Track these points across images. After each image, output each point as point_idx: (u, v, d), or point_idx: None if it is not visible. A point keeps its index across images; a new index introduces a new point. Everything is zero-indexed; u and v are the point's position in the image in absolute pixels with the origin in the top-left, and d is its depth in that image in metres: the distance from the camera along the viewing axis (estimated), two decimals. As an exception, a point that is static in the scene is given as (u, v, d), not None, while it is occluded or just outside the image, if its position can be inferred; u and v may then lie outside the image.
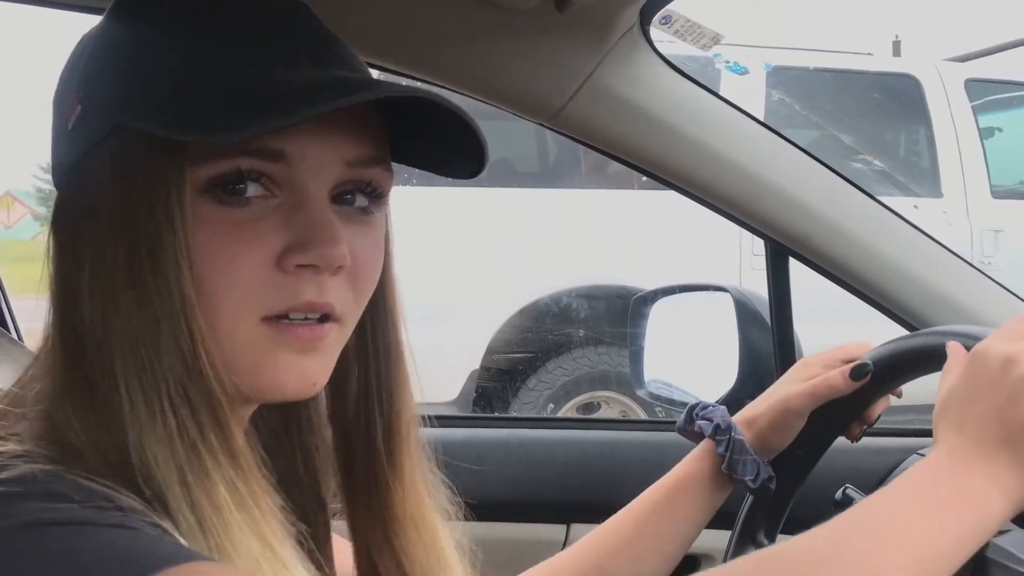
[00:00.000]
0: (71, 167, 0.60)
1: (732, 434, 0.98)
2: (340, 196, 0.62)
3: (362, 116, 0.61)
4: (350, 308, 0.62)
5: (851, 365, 0.97)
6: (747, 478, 0.98)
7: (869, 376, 0.95)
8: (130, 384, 0.56)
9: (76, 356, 0.58)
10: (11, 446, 0.55)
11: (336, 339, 0.62)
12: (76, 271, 0.58)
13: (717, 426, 0.98)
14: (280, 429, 0.71)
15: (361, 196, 0.63)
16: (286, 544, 0.59)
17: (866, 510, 0.65)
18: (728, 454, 0.97)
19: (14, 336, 1.47)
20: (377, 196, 0.64)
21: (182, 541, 0.54)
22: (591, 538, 0.99)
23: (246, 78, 0.57)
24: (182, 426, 0.56)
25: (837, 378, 0.97)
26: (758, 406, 1.01)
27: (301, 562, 0.60)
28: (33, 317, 0.68)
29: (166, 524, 0.54)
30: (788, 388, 0.99)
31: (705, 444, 1.00)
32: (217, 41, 0.59)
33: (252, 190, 0.58)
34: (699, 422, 1.01)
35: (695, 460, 1.00)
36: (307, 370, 0.61)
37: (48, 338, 0.60)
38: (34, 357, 0.62)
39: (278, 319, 0.59)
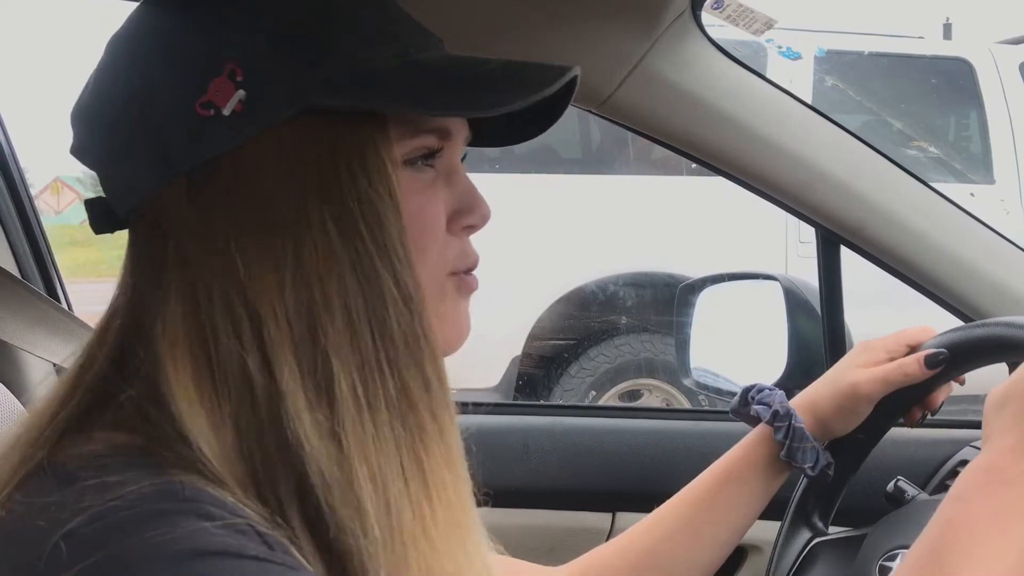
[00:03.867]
0: (219, 156, 0.56)
1: (792, 422, 0.96)
2: None
3: None
4: None
5: (926, 352, 0.95)
6: (806, 466, 0.96)
7: (945, 364, 0.94)
8: (353, 374, 0.55)
9: (205, 357, 0.55)
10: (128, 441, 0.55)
11: None
12: (250, 263, 0.55)
13: (775, 412, 0.96)
14: None
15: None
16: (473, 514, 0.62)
17: (942, 541, 0.64)
18: (787, 442, 0.96)
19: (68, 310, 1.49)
20: None
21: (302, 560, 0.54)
22: (643, 524, 0.98)
23: (424, 57, 0.60)
24: (402, 413, 0.57)
25: (912, 365, 0.95)
26: (820, 390, 0.99)
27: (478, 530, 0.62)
28: (87, 300, 0.68)
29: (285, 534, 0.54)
30: (855, 374, 0.97)
31: (761, 429, 0.98)
32: (386, 20, 0.61)
33: (425, 161, 0.61)
34: (755, 406, 0.99)
35: (751, 446, 0.98)
36: (470, 318, 0.66)
37: (164, 335, 0.57)
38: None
39: (458, 274, 0.64)
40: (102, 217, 0.61)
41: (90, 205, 0.62)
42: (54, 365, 1.25)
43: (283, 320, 0.55)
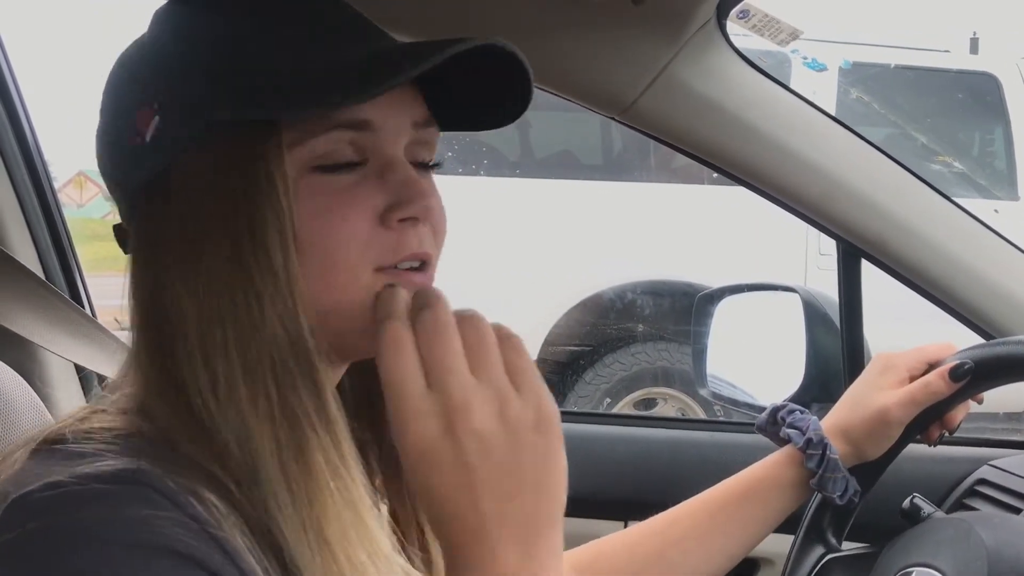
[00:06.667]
0: (153, 179, 0.61)
1: (828, 452, 0.96)
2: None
3: (416, 82, 0.64)
4: (435, 254, 0.66)
5: (951, 364, 0.94)
6: (836, 494, 0.96)
7: (970, 376, 0.93)
8: (231, 367, 0.58)
9: (164, 351, 0.60)
10: (105, 426, 0.59)
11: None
12: (170, 273, 0.60)
13: (809, 440, 0.96)
14: (363, 397, 0.72)
15: (423, 153, 0.66)
16: (371, 511, 0.61)
17: None
18: (821, 471, 0.95)
19: (88, 312, 1.50)
20: (430, 153, 0.67)
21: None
22: (656, 525, 0.97)
23: (317, 58, 0.61)
24: (283, 399, 0.58)
25: (937, 382, 0.94)
26: (850, 415, 0.99)
27: (381, 529, 0.62)
28: (107, 294, 0.70)
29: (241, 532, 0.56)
30: (882, 396, 0.97)
31: (790, 452, 0.98)
32: (279, 26, 0.62)
33: (347, 158, 0.61)
34: (787, 429, 0.98)
35: (777, 466, 0.98)
36: None
37: (136, 340, 0.63)
38: (127, 355, 0.65)
39: (389, 269, 0.62)
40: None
41: (116, 230, 0.67)
42: (74, 364, 1.26)
43: (189, 327, 0.59)
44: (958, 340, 1.03)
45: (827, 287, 1.35)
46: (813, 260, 3.86)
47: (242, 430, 0.58)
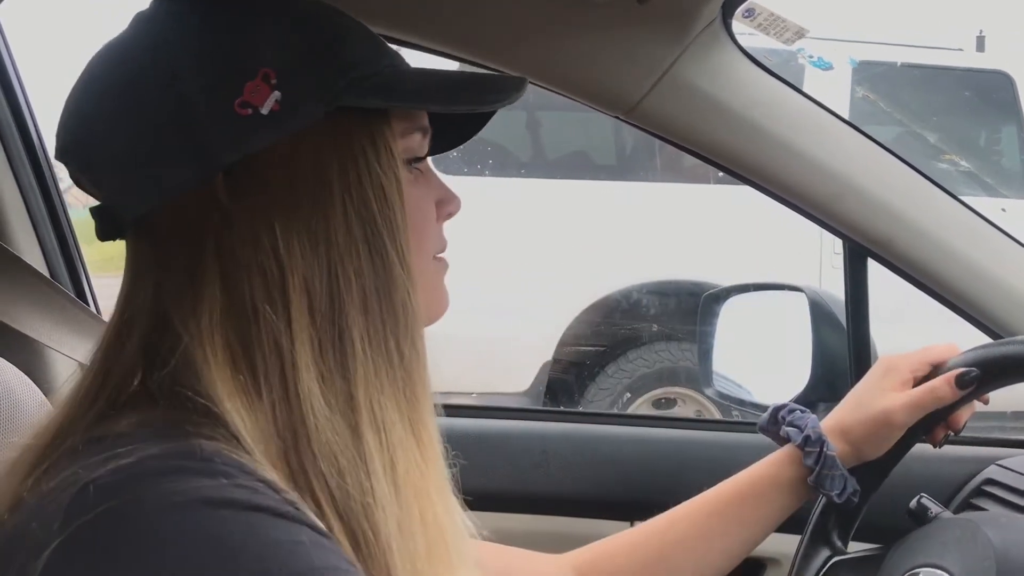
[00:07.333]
0: (264, 148, 0.61)
1: (824, 449, 0.95)
2: None
3: None
4: None
5: (957, 372, 0.94)
6: (834, 492, 0.96)
7: (976, 384, 0.92)
8: (364, 342, 0.61)
9: (245, 339, 0.60)
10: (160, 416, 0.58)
11: None
12: (295, 237, 0.61)
13: (807, 437, 0.96)
14: None
15: None
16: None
17: None
18: (818, 468, 0.95)
19: (94, 312, 1.51)
20: None
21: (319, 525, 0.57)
22: (656, 526, 0.97)
23: (410, 68, 0.67)
24: (401, 353, 0.62)
25: (943, 387, 0.94)
26: (851, 415, 0.98)
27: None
28: (113, 294, 0.69)
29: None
30: (886, 399, 0.96)
31: (789, 450, 0.98)
32: (374, 38, 0.68)
33: (422, 155, 0.69)
34: (786, 428, 0.98)
35: (777, 464, 0.97)
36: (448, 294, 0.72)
37: (199, 325, 0.60)
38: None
39: (439, 256, 0.71)
40: (109, 224, 0.64)
41: (98, 213, 0.64)
42: (79, 363, 1.26)
43: (310, 295, 0.60)
44: (964, 341, 1.02)
45: (841, 286, 1.34)
46: (828, 259, 3.85)
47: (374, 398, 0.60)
